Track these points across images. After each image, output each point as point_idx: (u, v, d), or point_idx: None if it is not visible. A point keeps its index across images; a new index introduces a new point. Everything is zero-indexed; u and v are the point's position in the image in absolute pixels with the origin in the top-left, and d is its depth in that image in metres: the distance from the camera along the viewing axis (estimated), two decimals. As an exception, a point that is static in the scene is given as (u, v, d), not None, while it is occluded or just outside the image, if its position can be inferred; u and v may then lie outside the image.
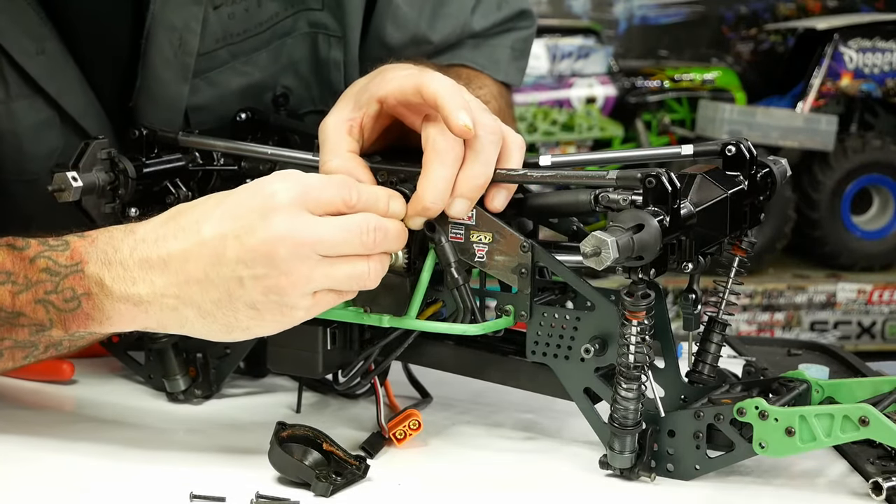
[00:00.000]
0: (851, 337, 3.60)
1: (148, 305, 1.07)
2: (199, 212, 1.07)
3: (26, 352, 1.13)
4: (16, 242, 1.11)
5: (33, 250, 1.10)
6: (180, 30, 1.30)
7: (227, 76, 1.36)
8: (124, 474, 1.09)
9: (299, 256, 1.03)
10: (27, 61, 1.28)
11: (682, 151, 1.12)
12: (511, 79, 1.54)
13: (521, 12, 1.54)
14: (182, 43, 1.30)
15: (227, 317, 1.06)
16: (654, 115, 3.74)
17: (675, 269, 1.05)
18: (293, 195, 1.04)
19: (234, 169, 1.27)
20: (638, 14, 3.99)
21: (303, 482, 1.05)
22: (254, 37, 1.37)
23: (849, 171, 3.63)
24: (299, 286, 1.04)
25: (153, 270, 1.06)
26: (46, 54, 1.29)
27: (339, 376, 1.19)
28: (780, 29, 3.99)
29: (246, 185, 1.08)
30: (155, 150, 1.25)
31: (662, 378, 1.11)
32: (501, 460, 1.15)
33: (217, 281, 1.05)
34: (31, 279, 1.09)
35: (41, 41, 1.28)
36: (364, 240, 1.06)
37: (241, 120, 1.33)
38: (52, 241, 1.10)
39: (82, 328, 1.09)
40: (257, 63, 1.38)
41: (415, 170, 1.11)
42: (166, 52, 1.30)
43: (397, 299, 1.12)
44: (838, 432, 1.01)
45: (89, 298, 1.08)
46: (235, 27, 1.35)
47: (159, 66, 1.31)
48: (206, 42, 1.33)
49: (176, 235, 1.06)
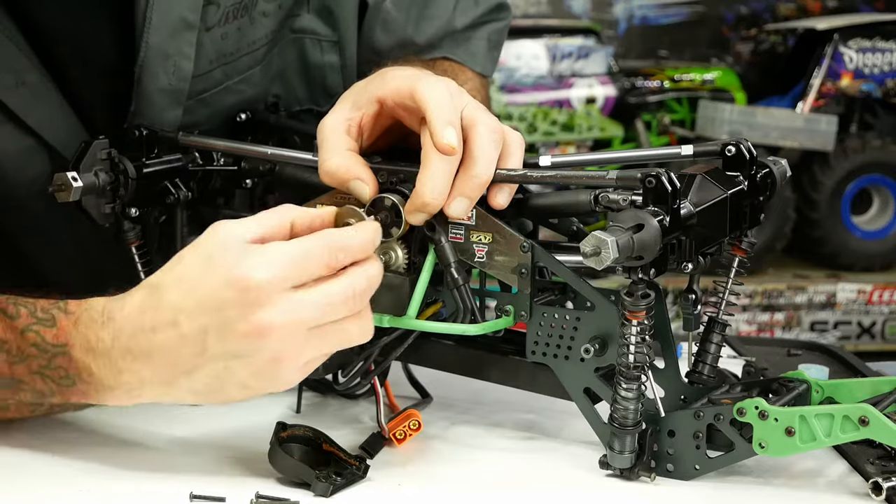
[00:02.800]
0: (851, 337, 3.61)
1: (139, 391, 1.06)
2: (174, 300, 1.03)
3: (32, 408, 1.14)
4: (7, 308, 1.10)
5: (23, 322, 1.09)
6: (174, 56, 1.28)
7: (222, 96, 1.35)
8: (124, 474, 1.09)
9: (286, 339, 1.01)
10: (6, 94, 1.25)
11: (682, 152, 1.12)
12: (487, 70, 1.54)
13: (497, 6, 1.54)
14: (176, 69, 1.29)
15: (219, 395, 1.05)
16: (654, 115, 3.74)
17: (675, 269, 1.05)
18: (270, 279, 1.00)
19: (234, 169, 1.27)
20: (638, 14, 4.00)
21: (303, 482, 1.05)
22: (248, 55, 1.36)
23: (849, 171, 3.63)
24: (290, 363, 1.03)
25: (137, 362, 1.04)
26: (27, 85, 1.27)
27: (339, 376, 1.19)
28: (780, 29, 3.99)
29: (216, 264, 1.01)
30: (155, 150, 1.25)
31: (662, 378, 1.11)
32: (501, 460, 1.15)
33: (205, 370, 1.03)
34: (23, 352, 1.09)
35: (20, 74, 1.26)
36: (350, 305, 1.03)
37: (241, 120, 1.33)
38: (41, 314, 1.09)
39: (81, 400, 1.10)
40: (250, 81, 1.37)
41: (414, 170, 1.10)
42: (161, 80, 1.28)
43: (397, 299, 1.12)
44: (838, 432, 1.01)
45: (81, 381, 1.08)
46: (229, 47, 1.34)
47: (154, 93, 1.29)
48: (200, 64, 1.31)
49: (154, 328, 1.03)
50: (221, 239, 1.03)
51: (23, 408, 1.13)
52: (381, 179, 1.13)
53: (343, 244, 1.04)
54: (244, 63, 1.36)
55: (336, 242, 1.03)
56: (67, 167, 1.20)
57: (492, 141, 1.10)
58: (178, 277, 1.04)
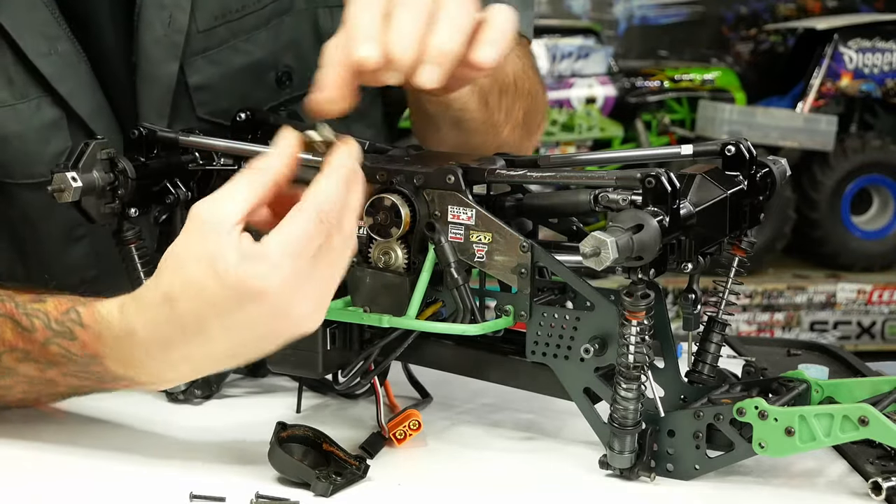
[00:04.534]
0: (851, 337, 3.61)
1: (182, 371, 1.08)
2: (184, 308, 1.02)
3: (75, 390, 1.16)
4: (21, 321, 1.11)
5: (41, 335, 1.10)
6: (170, 7, 1.30)
7: (228, 54, 1.36)
8: (124, 474, 1.09)
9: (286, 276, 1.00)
10: (40, 61, 1.28)
11: (681, 151, 1.12)
12: (524, 30, 1.44)
13: None
14: (172, 21, 1.30)
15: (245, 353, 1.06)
16: (654, 115, 3.75)
17: (674, 269, 1.05)
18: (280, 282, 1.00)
19: (234, 169, 1.27)
20: (638, 14, 4.00)
21: (303, 482, 1.05)
22: (252, 14, 1.36)
23: (849, 171, 3.63)
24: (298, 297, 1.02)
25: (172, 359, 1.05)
26: (59, 54, 1.29)
27: (339, 376, 1.19)
28: (780, 29, 3.99)
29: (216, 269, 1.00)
30: (155, 150, 1.25)
31: (662, 378, 1.11)
32: (501, 460, 1.15)
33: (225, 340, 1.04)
34: (51, 360, 1.10)
35: (54, 41, 1.28)
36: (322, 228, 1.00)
37: (241, 120, 1.33)
38: (56, 326, 1.09)
39: (123, 388, 1.12)
40: (257, 41, 1.37)
41: (415, 170, 1.11)
42: (157, 30, 1.30)
43: (397, 299, 1.12)
44: (838, 432, 1.01)
45: (119, 382, 1.10)
46: (233, 4, 1.35)
47: (150, 44, 1.30)
48: (203, 19, 1.33)
49: (184, 329, 1.03)
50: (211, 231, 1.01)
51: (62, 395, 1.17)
52: (380, 179, 1.13)
53: (332, 203, 1.01)
54: (249, 22, 1.36)
55: (325, 205, 1.01)
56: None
57: (458, 3, 1.02)
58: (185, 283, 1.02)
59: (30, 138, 1.30)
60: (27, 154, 1.30)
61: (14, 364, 1.12)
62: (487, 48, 1.03)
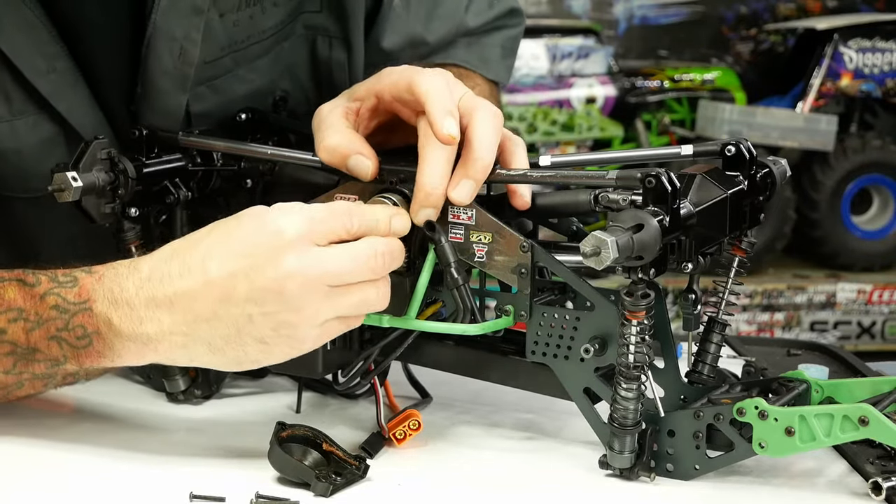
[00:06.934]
0: (851, 337, 3.61)
1: (157, 344, 1.08)
2: (203, 249, 1.07)
3: (45, 381, 1.15)
4: (27, 278, 1.12)
5: (43, 287, 1.11)
6: (181, 40, 1.29)
7: (231, 83, 1.35)
8: (124, 474, 1.10)
9: (309, 291, 1.04)
10: (38, 80, 1.27)
11: (681, 151, 1.12)
12: (501, 77, 1.54)
13: (511, 10, 1.55)
14: (182, 53, 1.29)
15: (236, 351, 1.07)
16: (654, 115, 3.74)
17: (674, 269, 1.05)
18: (300, 230, 1.05)
19: (234, 169, 1.27)
20: (638, 14, 4.00)
21: (303, 482, 1.05)
22: (257, 43, 1.36)
23: (849, 171, 3.63)
24: (310, 320, 1.05)
25: (160, 309, 1.07)
26: (57, 72, 1.28)
27: (339, 376, 1.19)
28: (780, 29, 3.99)
29: (248, 219, 1.07)
30: (155, 150, 1.25)
31: (662, 378, 1.11)
32: (501, 460, 1.15)
33: (226, 319, 1.06)
34: (41, 316, 1.10)
35: (52, 60, 1.27)
36: (372, 265, 1.06)
37: (241, 120, 1.33)
38: (62, 277, 1.11)
39: (94, 363, 1.11)
40: (259, 69, 1.37)
41: (414, 169, 1.10)
42: (165, 62, 1.29)
43: (397, 299, 1.12)
44: (838, 432, 1.01)
45: (99, 337, 1.09)
46: (240, 35, 1.34)
47: (158, 75, 1.29)
48: (211, 50, 1.32)
49: (181, 274, 1.07)
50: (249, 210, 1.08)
51: (36, 382, 1.14)
52: (381, 179, 1.13)
53: (361, 210, 1.08)
54: (253, 52, 1.36)
55: (356, 210, 1.08)
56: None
57: (491, 126, 1.10)
58: (210, 229, 1.08)
59: (27, 154, 1.29)
60: (24, 169, 1.30)
61: (4, 325, 1.11)
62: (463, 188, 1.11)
